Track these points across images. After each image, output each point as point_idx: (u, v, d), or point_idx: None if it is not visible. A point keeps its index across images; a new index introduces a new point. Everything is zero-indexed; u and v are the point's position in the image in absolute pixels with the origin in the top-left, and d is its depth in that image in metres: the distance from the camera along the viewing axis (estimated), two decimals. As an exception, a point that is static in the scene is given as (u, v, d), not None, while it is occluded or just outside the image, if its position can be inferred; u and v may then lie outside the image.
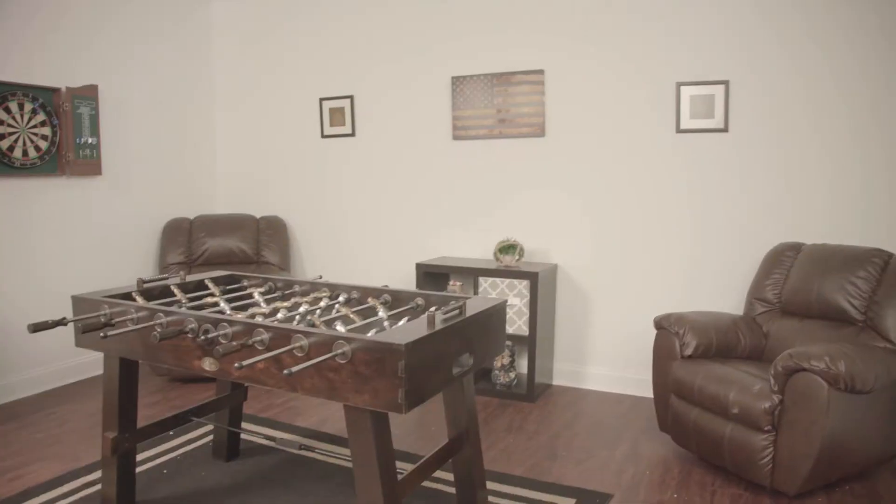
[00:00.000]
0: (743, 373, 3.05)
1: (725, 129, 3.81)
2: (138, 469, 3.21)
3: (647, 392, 4.17)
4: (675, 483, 3.06)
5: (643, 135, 4.05)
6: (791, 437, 2.76)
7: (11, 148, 4.04)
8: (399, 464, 2.71)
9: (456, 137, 4.56)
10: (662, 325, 3.40)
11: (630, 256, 4.17)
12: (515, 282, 4.15)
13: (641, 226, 4.12)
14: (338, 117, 4.99)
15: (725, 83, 3.78)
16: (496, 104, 4.39)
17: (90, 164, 4.50)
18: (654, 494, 2.96)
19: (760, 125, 3.76)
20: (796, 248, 3.54)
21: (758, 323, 3.49)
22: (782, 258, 3.54)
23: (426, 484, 3.05)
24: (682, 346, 3.30)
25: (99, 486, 3.03)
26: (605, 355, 4.33)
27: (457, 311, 2.22)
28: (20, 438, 3.60)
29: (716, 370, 3.11)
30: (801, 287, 3.36)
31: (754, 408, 2.83)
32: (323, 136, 5.10)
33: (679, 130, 3.93)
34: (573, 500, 2.90)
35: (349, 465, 3.24)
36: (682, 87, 3.88)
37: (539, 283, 4.03)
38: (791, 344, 3.28)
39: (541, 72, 4.25)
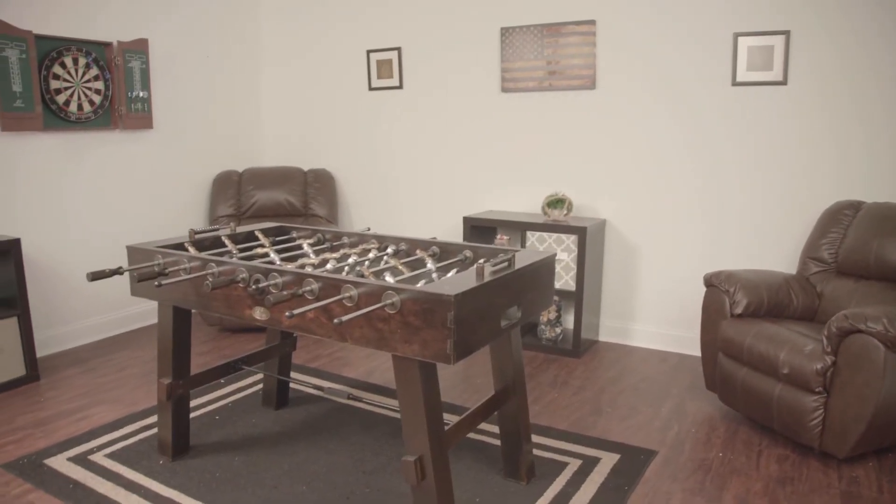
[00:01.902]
0: (795, 333, 2.99)
1: (784, 82, 3.67)
2: (192, 415, 3.32)
3: (694, 350, 4.14)
4: (720, 442, 3.04)
5: (697, 87, 3.93)
6: (843, 399, 2.70)
7: (67, 102, 4.12)
8: (445, 415, 2.75)
9: (505, 90, 4.49)
10: (712, 282, 3.34)
11: (680, 212, 4.09)
12: (563, 236, 4.11)
13: (693, 181, 4.02)
14: (385, 69, 4.95)
15: (786, 33, 3.62)
16: (546, 56, 4.30)
17: (142, 118, 4.57)
18: (699, 452, 2.95)
19: (821, 78, 3.61)
20: (856, 206, 3.42)
21: (811, 283, 3.41)
22: (840, 217, 3.43)
23: (471, 435, 3.09)
24: (732, 304, 3.24)
25: (156, 430, 3.15)
26: (652, 312, 4.28)
27: (506, 264, 2.21)
28: (84, 382, 3.76)
29: (766, 329, 3.05)
30: (859, 247, 3.26)
31: (806, 368, 2.78)
32: (370, 89, 5.07)
33: (735, 83, 3.80)
34: (617, 456, 2.91)
35: (395, 415, 3.30)
36: (740, 38, 3.73)
37: (587, 238, 3.98)
38: (846, 305, 3.20)
39: (592, 22, 4.13)
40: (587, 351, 4.24)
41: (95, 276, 2.45)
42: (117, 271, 2.57)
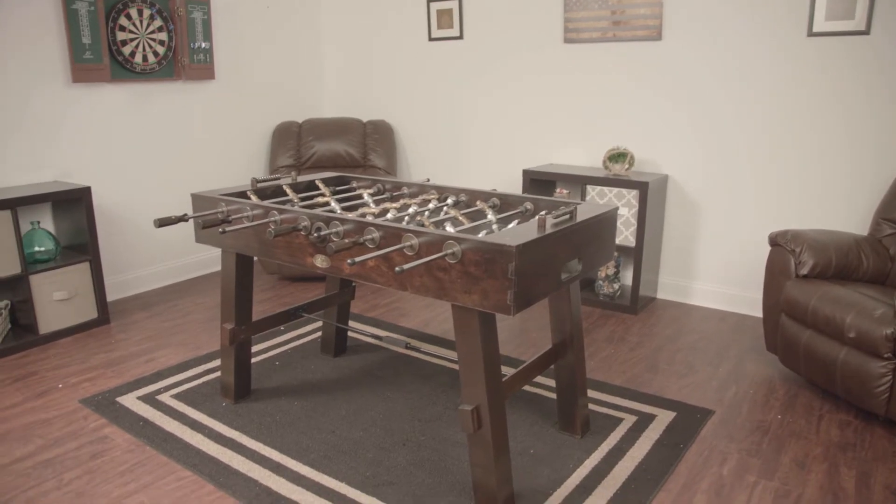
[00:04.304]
0: (863, 296, 2.89)
1: (866, 32, 3.47)
2: (252, 360, 3.42)
3: (755, 311, 4.05)
4: (779, 404, 2.99)
5: (769, 38, 3.75)
6: (914, 363, 2.62)
7: (133, 53, 4.19)
8: (501, 367, 2.76)
9: (567, 40, 4.38)
10: (778, 241, 3.24)
11: (746, 169, 3.96)
12: (624, 191, 4.03)
13: (761, 137, 3.88)
14: (445, 19, 4.88)
15: (870, -20, 3.42)
16: (610, 5, 4.16)
17: (204, 69, 4.63)
18: (756, 414, 2.91)
19: (907, 28, 3.40)
20: (937, 164, 3.25)
21: (884, 245, 3.27)
22: (919, 175, 3.27)
23: (527, 388, 3.11)
24: (797, 264, 3.14)
25: (219, 373, 3.26)
26: (712, 271, 4.19)
27: (568, 216, 2.18)
28: (151, 326, 3.90)
29: (833, 291, 2.96)
30: (939, 207, 3.11)
31: (874, 333, 2.69)
32: (430, 39, 5.01)
33: (811, 34, 3.61)
34: (673, 413, 2.89)
35: (451, 366, 3.33)
36: (820, -15, 3.54)
37: (649, 193, 3.90)
38: (921, 267, 3.08)
39: (661, -30, 3.99)
40: (645, 308, 4.19)
41: (162, 223, 2.52)
42: (182, 218, 2.63)
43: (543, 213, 2.07)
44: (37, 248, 3.67)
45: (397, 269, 1.86)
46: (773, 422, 2.84)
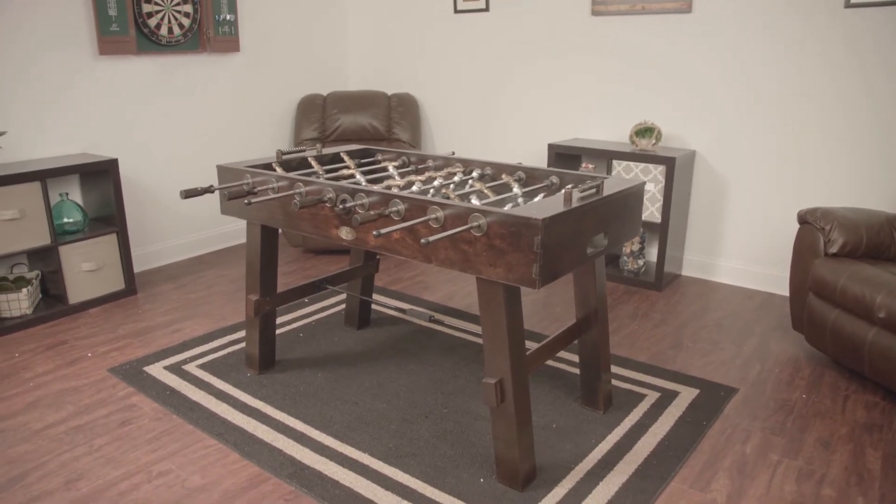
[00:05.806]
0: (894, 275, 2.84)
1: (904, 5, 3.38)
2: (277, 332, 3.45)
3: (782, 289, 4.00)
4: (804, 384, 2.96)
5: (803, 11, 3.66)
6: (945, 343, 2.57)
7: (158, 26, 4.19)
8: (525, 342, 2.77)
9: (595, 13, 4.31)
10: (807, 219, 3.19)
11: (775, 146, 3.89)
12: (651, 166, 3.99)
13: (791, 113, 3.81)
14: (471, -8, 4.83)
15: (910, -50, 3.32)
16: (640, -23, 4.09)
17: (229, 41, 4.62)
18: (781, 393, 2.88)
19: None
20: (974, 141, 3.17)
21: (917, 223, 3.22)
22: (956, 152, 3.19)
23: (550, 363, 3.11)
24: (826, 242, 3.09)
25: (244, 345, 3.29)
26: (739, 248, 4.14)
27: (594, 190, 2.16)
28: (177, 297, 3.95)
29: (863, 271, 2.91)
30: (976, 185, 3.03)
31: (905, 311, 2.65)
32: (456, 12, 4.96)
33: (848, 5, 3.52)
34: (696, 391, 2.87)
35: (474, 340, 3.34)
36: (857, -44, 3.45)
37: (675, 169, 3.85)
38: (955, 247, 3.02)
39: (692, -60, 3.90)
40: (669, 284, 4.16)
41: (188, 194, 2.53)
42: (209, 189, 2.64)
43: (570, 186, 2.05)
44: (66, 220, 3.72)
45: (423, 241, 1.86)
46: (797, 401, 2.82)
